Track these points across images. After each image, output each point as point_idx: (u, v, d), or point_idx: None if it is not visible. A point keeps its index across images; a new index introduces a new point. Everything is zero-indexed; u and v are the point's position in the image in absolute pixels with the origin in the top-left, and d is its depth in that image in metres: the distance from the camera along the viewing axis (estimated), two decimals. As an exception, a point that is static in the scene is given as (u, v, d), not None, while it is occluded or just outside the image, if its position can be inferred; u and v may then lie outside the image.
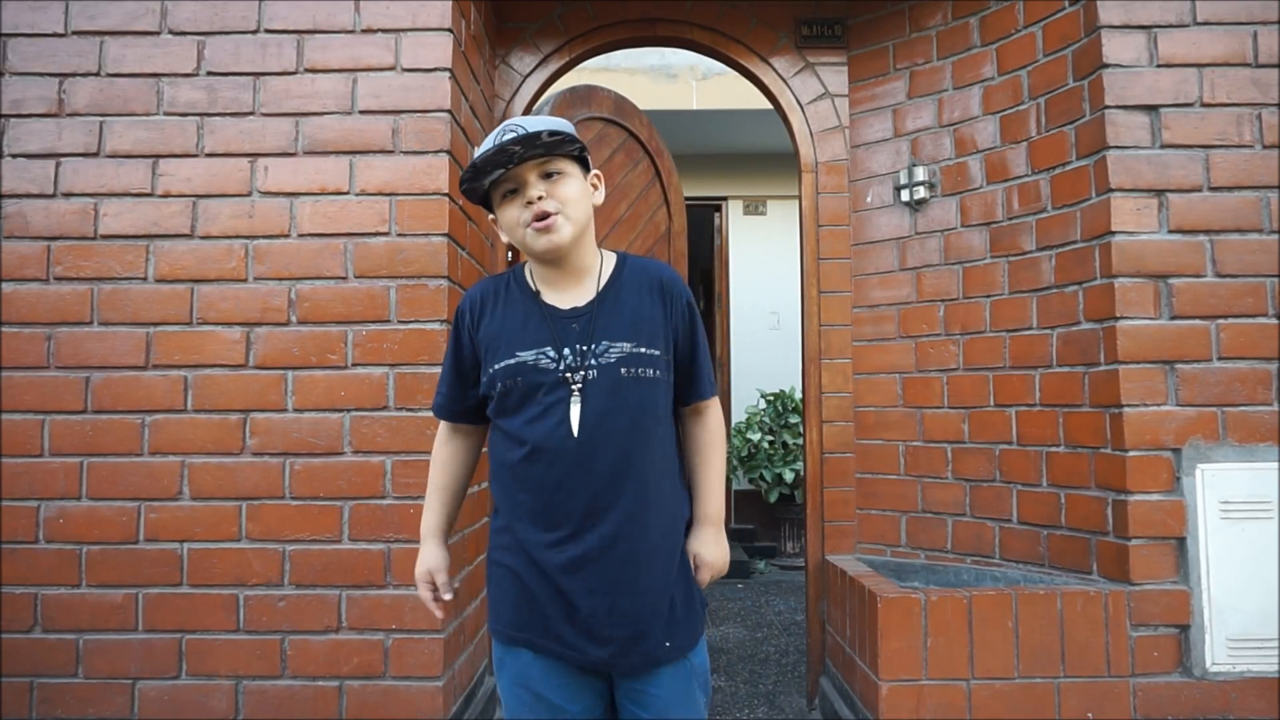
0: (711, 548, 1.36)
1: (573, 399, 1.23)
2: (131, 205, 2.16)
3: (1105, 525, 2.16)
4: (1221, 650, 2.05)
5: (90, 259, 2.14)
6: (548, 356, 1.25)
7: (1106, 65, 2.18)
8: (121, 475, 2.10)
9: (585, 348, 1.25)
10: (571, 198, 1.27)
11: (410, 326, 2.14)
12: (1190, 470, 2.09)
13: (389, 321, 2.14)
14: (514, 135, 1.20)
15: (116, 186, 2.16)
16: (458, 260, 2.27)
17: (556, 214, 1.25)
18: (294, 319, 2.14)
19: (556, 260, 1.30)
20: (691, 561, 1.34)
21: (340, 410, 2.12)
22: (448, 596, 1.41)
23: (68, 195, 2.16)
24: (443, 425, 1.42)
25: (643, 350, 1.27)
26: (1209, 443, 2.10)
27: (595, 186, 1.35)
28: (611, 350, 1.25)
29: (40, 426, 2.11)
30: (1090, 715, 2.04)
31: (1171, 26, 2.18)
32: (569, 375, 1.24)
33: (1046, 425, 2.34)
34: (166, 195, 2.16)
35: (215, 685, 2.06)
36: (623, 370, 1.25)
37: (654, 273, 1.35)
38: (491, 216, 1.35)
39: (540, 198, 1.25)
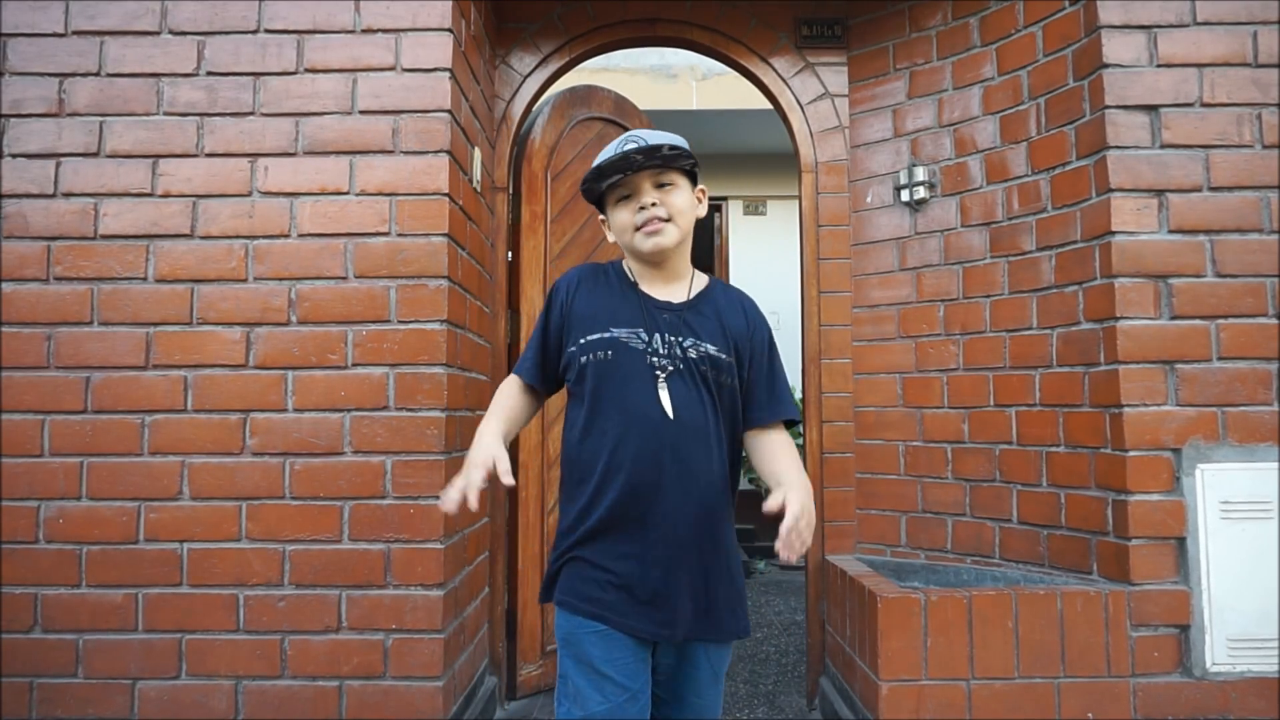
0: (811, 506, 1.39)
1: (659, 383, 1.32)
2: (131, 205, 2.16)
3: (1105, 525, 2.16)
4: (1222, 650, 2.05)
5: (90, 259, 2.14)
6: (639, 338, 1.35)
7: (1106, 65, 2.18)
8: (121, 475, 2.10)
9: (675, 339, 1.35)
10: (680, 207, 1.38)
11: (410, 326, 2.14)
12: (1190, 470, 2.09)
13: (389, 321, 2.14)
14: (636, 145, 1.32)
15: (116, 186, 2.16)
16: (458, 260, 2.27)
17: (668, 220, 1.37)
18: (294, 319, 2.14)
19: (659, 262, 1.41)
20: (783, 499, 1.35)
21: (340, 410, 2.12)
22: (509, 481, 1.38)
23: (68, 195, 2.16)
24: (514, 379, 1.48)
25: (723, 357, 1.37)
26: (1209, 443, 2.10)
27: (700, 200, 1.46)
28: (699, 348, 1.36)
29: (40, 426, 2.11)
30: (1090, 715, 2.04)
31: (1171, 26, 2.18)
32: (655, 360, 1.33)
33: (1046, 425, 2.34)
34: (166, 195, 2.16)
35: (215, 685, 2.06)
36: (701, 368, 1.35)
37: (742, 296, 1.49)
38: (601, 218, 1.47)
39: (654, 204, 1.36)
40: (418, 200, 2.16)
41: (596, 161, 1.37)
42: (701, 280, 1.47)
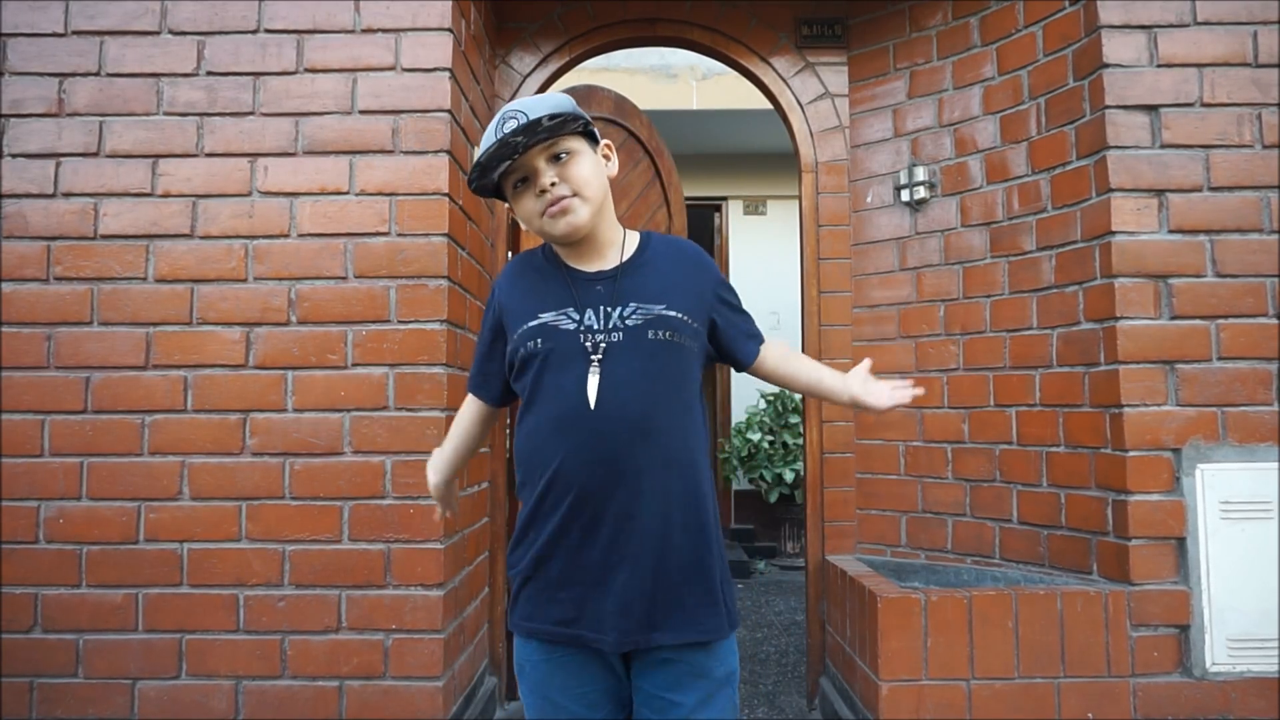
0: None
1: (591, 366, 1.17)
2: (131, 205, 2.16)
3: (1105, 525, 2.16)
4: (1222, 650, 2.05)
5: (90, 259, 2.14)
6: (569, 317, 1.21)
7: (1107, 65, 2.18)
8: (121, 475, 2.10)
9: (610, 309, 1.21)
10: (584, 177, 1.23)
11: (410, 326, 2.14)
12: (1190, 470, 2.09)
13: (389, 321, 2.14)
14: (515, 124, 1.16)
15: (116, 186, 2.16)
16: (458, 260, 2.27)
17: (572, 196, 1.22)
18: (294, 319, 2.14)
19: (579, 241, 1.27)
20: (865, 376, 1.34)
21: (340, 410, 2.12)
22: (444, 514, 1.53)
23: (67, 195, 2.16)
24: (468, 397, 1.43)
25: (673, 314, 1.22)
26: (1209, 443, 2.10)
27: (607, 157, 1.30)
28: (639, 312, 1.21)
29: (40, 426, 2.10)
30: (1090, 715, 2.04)
31: (1172, 26, 2.18)
32: (589, 339, 1.19)
33: (1046, 425, 2.34)
34: (166, 195, 2.16)
35: (215, 685, 2.06)
36: (650, 334, 1.20)
37: (683, 244, 1.35)
38: (508, 206, 1.33)
39: (553, 184, 1.21)
40: (418, 200, 2.16)
41: (476, 154, 1.21)
42: (634, 239, 1.31)
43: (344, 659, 2.06)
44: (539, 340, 1.21)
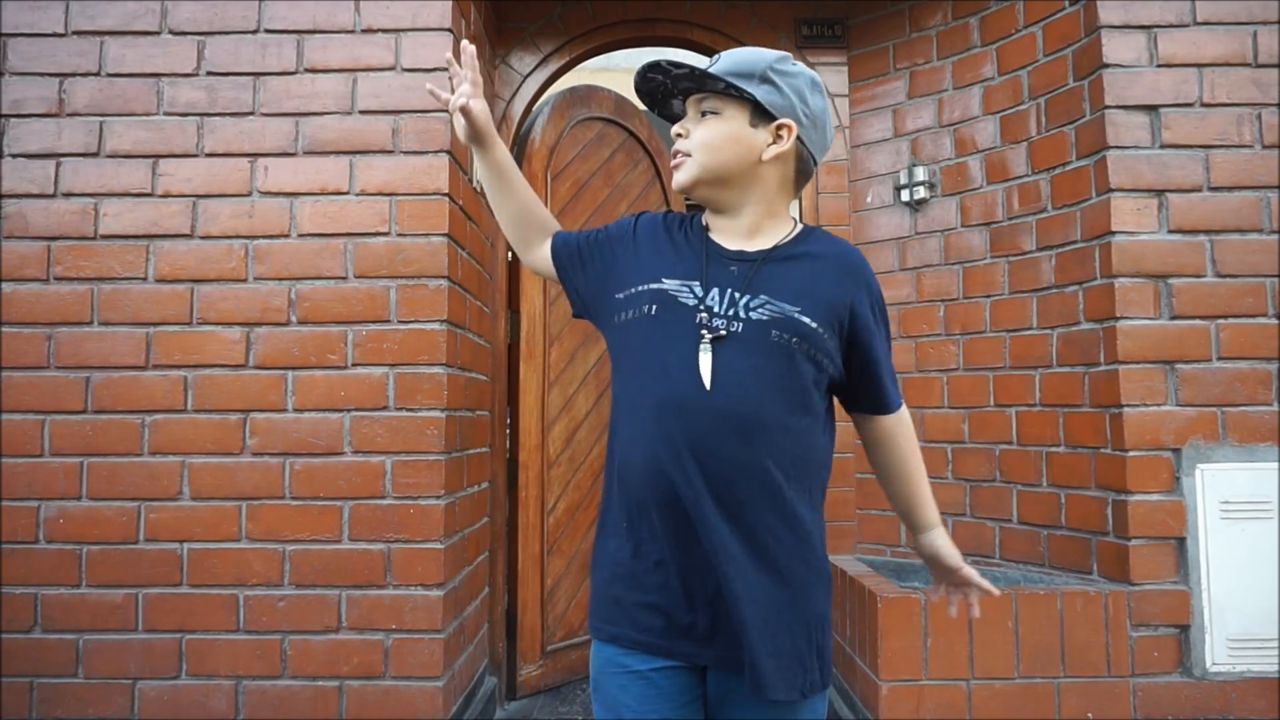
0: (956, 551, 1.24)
1: (702, 347, 1.06)
2: (131, 205, 2.16)
3: (1105, 525, 2.16)
4: (1222, 650, 2.05)
5: (90, 259, 2.14)
6: (691, 291, 1.10)
7: (1107, 65, 2.18)
8: (121, 475, 2.10)
9: (737, 294, 1.09)
10: (705, 141, 1.15)
11: (410, 326, 2.14)
12: (1190, 470, 2.09)
13: (389, 321, 2.14)
14: (675, 62, 1.14)
15: (116, 186, 2.16)
16: (458, 260, 2.27)
17: (687, 155, 1.16)
18: (294, 319, 2.14)
19: (711, 205, 1.19)
20: (957, 569, 1.24)
21: (340, 410, 2.12)
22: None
23: (68, 195, 2.16)
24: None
25: (804, 320, 1.08)
26: (1209, 443, 2.10)
27: (780, 137, 1.14)
28: (768, 307, 1.08)
29: (40, 426, 2.10)
30: (1090, 715, 2.04)
31: (1171, 26, 2.18)
32: (704, 319, 1.08)
33: (1046, 425, 2.34)
34: (166, 195, 2.16)
35: (215, 685, 2.06)
36: (774, 333, 1.07)
37: (849, 253, 1.19)
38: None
39: (678, 135, 1.18)
40: (418, 200, 2.16)
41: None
42: (795, 230, 1.18)
43: (344, 659, 2.06)
44: (653, 306, 1.11)
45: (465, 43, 1.23)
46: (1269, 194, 2.14)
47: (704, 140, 1.15)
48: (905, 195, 2.70)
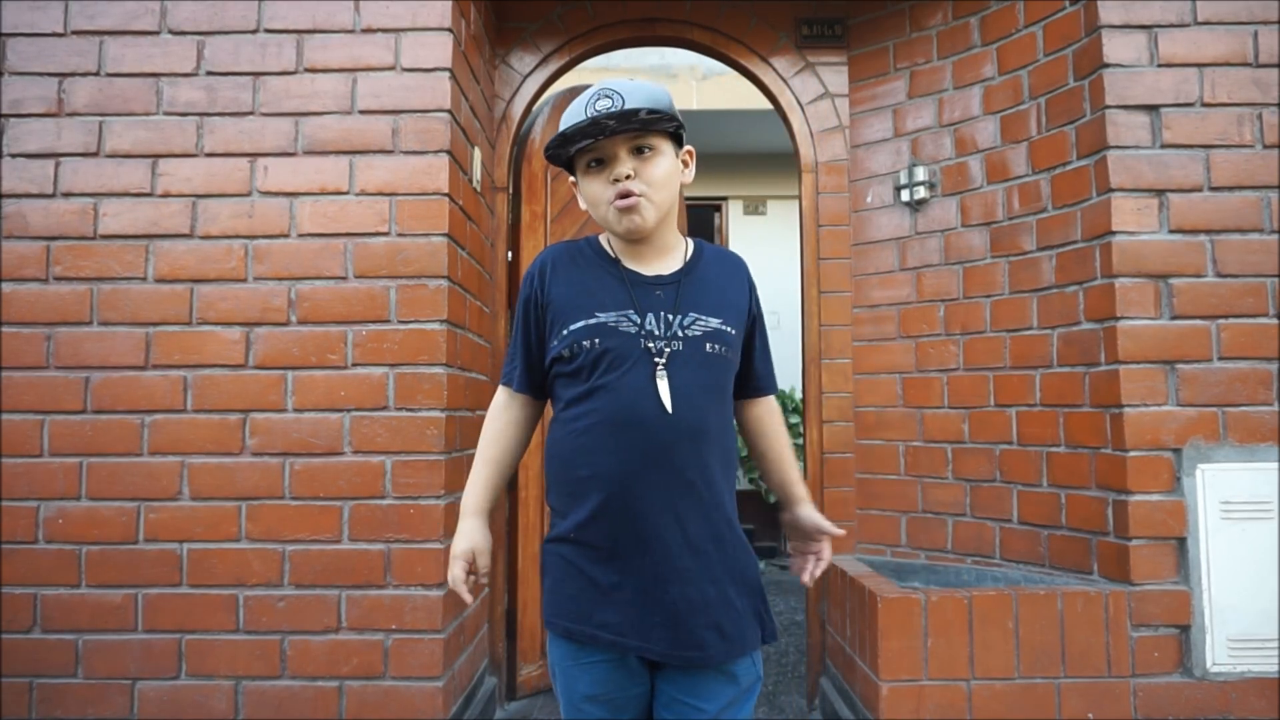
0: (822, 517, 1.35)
1: (658, 370, 1.16)
2: (131, 205, 2.16)
3: (1106, 525, 2.16)
4: (1222, 650, 2.05)
5: (90, 259, 2.14)
6: (629, 320, 1.19)
7: (1107, 65, 2.17)
8: (121, 475, 2.09)
9: (670, 317, 1.20)
10: (659, 179, 1.21)
11: (410, 326, 2.14)
12: (1191, 470, 2.09)
13: (389, 321, 2.14)
14: (608, 105, 1.15)
15: (116, 186, 2.16)
16: (458, 260, 2.27)
17: (641, 196, 1.19)
18: (294, 319, 2.14)
19: (639, 240, 1.25)
20: (815, 529, 1.33)
21: (340, 410, 2.12)
22: (479, 587, 1.35)
23: (67, 195, 2.16)
24: (502, 393, 1.35)
25: (727, 329, 1.23)
26: (1209, 443, 2.10)
27: (686, 164, 1.28)
28: (699, 324, 1.21)
29: (40, 426, 2.10)
30: (1090, 716, 2.04)
31: (1172, 26, 2.18)
32: (651, 345, 1.18)
33: (1047, 425, 2.34)
34: (166, 195, 2.16)
35: (215, 685, 2.06)
36: (708, 346, 1.20)
37: (736, 259, 1.35)
38: (573, 180, 1.29)
39: (628, 176, 1.19)
40: (418, 200, 2.16)
41: (563, 124, 1.18)
42: (690, 244, 1.31)
43: (344, 659, 2.06)
44: (596, 340, 1.18)
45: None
46: (1270, 194, 2.14)
47: (656, 178, 1.21)
48: (905, 195, 2.70)
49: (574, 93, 3.02)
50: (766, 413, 1.39)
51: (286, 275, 2.15)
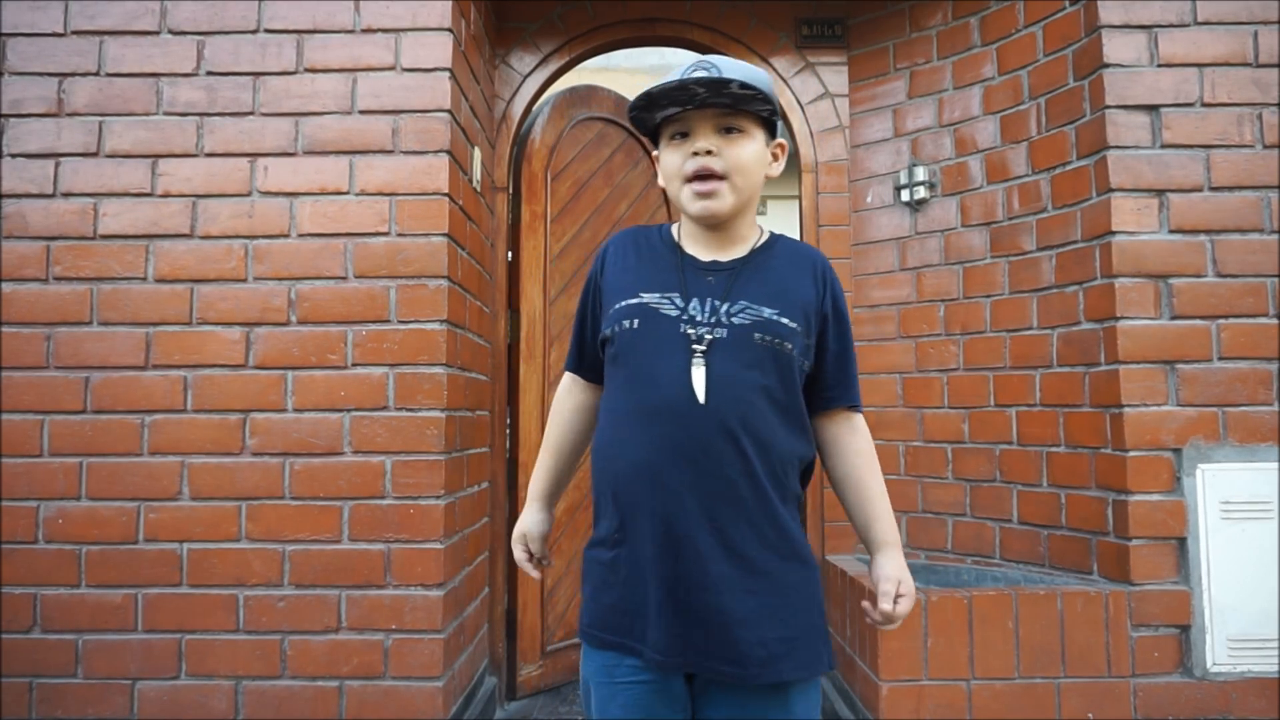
0: (908, 574, 1.18)
1: (694, 358, 1.07)
2: (131, 205, 2.16)
3: (1106, 525, 2.16)
4: (1222, 650, 2.05)
5: (90, 259, 2.14)
6: (673, 303, 1.11)
7: (1107, 65, 2.17)
8: (121, 475, 2.09)
9: (718, 303, 1.11)
10: (743, 163, 1.12)
11: (410, 326, 2.14)
12: (1191, 470, 2.09)
13: (389, 321, 2.14)
14: (704, 74, 1.07)
15: (116, 186, 2.16)
16: (458, 260, 2.27)
17: (723, 179, 1.12)
18: (294, 319, 2.14)
19: (713, 226, 1.17)
20: (894, 588, 1.16)
21: (340, 410, 2.12)
22: (542, 565, 1.33)
23: (67, 195, 2.16)
24: (565, 378, 1.31)
25: (783, 321, 1.11)
26: (1209, 443, 2.10)
27: (776, 157, 1.19)
28: (748, 312, 1.10)
29: (40, 426, 2.10)
30: (1091, 716, 2.04)
31: (1172, 26, 2.18)
32: (691, 330, 1.09)
33: (1047, 425, 2.34)
34: (166, 195, 2.16)
35: (215, 685, 2.06)
36: (757, 336, 1.09)
37: (811, 252, 1.23)
38: (655, 153, 1.22)
39: (709, 152, 1.11)
40: (418, 200, 2.16)
41: (652, 85, 1.09)
42: (764, 237, 1.21)
43: (344, 659, 2.06)
44: (635, 320, 1.12)
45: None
46: (1269, 194, 2.14)
47: (741, 162, 1.13)
48: (905, 195, 2.70)
49: (574, 93, 3.02)
50: (846, 431, 1.23)
51: (286, 275, 2.15)
